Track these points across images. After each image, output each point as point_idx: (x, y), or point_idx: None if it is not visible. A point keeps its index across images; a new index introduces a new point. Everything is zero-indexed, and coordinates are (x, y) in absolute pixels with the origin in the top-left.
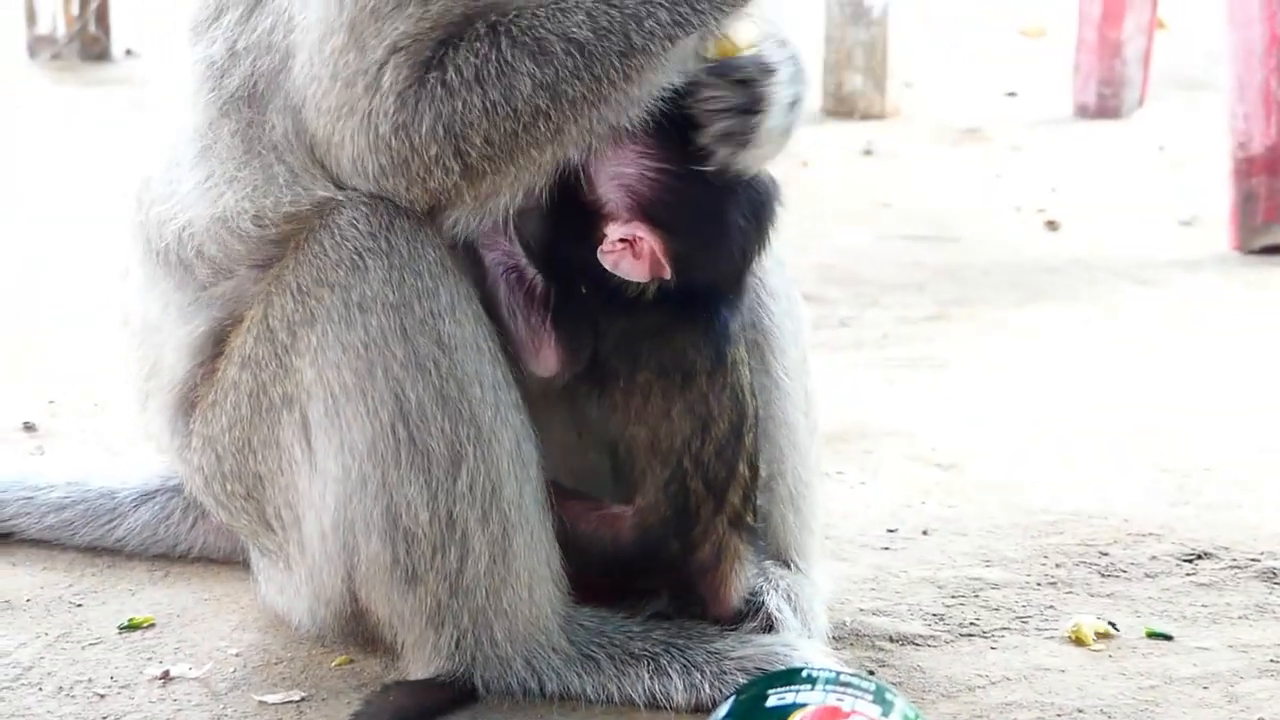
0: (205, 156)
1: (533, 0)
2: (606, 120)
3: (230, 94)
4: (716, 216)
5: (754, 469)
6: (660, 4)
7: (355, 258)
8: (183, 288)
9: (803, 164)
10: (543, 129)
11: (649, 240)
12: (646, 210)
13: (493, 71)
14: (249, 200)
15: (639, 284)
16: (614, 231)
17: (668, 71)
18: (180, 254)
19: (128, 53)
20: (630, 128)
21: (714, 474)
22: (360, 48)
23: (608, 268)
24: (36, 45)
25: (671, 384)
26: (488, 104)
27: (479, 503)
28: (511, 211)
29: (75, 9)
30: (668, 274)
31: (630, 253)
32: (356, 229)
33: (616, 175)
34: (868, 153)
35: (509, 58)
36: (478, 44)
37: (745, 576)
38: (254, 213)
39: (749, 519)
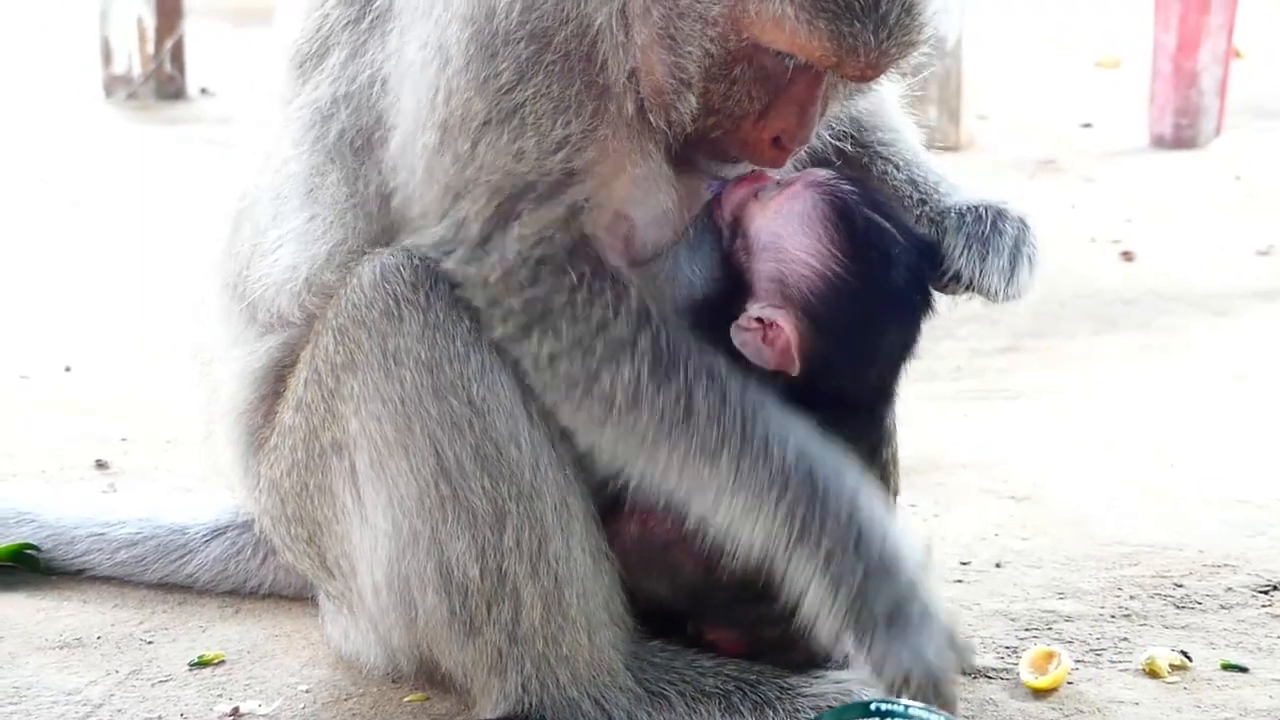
0: (311, 200)
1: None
2: (650, 483)
3: (334, 141)
4: (873, 324)
5: None
6: (792, 504)
7: (392, 303)
8: (251, 322)
9: None
10: (595, 411)
11: (788, 331)
12: (799, 301)
13: (627, 367)
14: (341, 248)
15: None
16: (754, 309)
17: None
18: (259, 292)
19: (203, 91)
20: None
21: None
22: (456, 157)
23: (735, 343)
24: (112, 84)
25: None
26: (583, 353)
27: (527, 557)
28: None
29: (151, 48)
30: (795, 370)
31: (762, 336)
32: (400, 275)
33: (780, 255)
34: None
35: (647, 362)
36: (639, 335)
37: (804, 659)
38: (340, 263)
39: None
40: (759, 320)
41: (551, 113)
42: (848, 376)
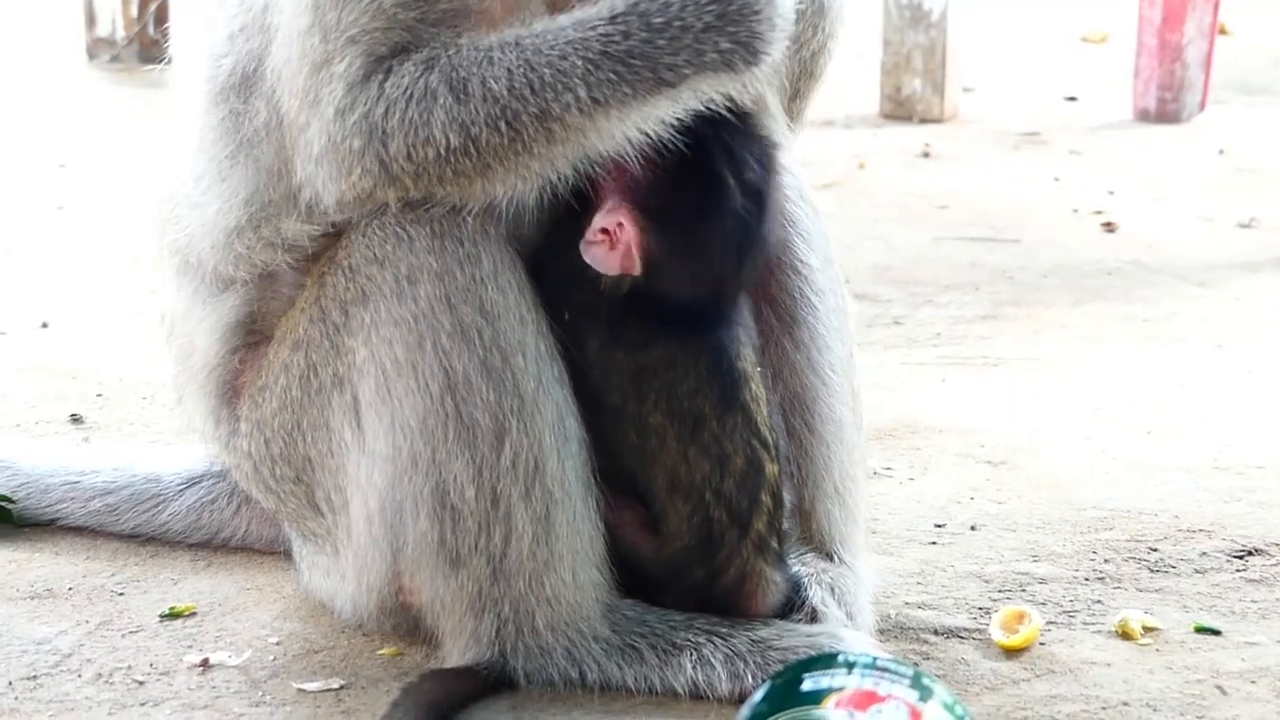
0: (199, 154)
1: (476, 40)
2: (542, 168)
3: (223, 82)
4: (706, 215)
5: (777, 498)
6: (578, 80)
7: (399, 230)
8: (203, 281)
9: (859, 165)
10: (463, 163)
11: (629, 229)
12: (636, 193)
13: (416, 93)
14: (243, 208)
15: (612, 281)
16: (598, 221)
17: (610, 134)
18: (194, 258)
19: None
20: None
21: (737, 504)
22: (324, 33)
23: (586, 259)
24: (95, 47)
25: (684, 428)
26: (406, 120)
27: (522, 478)
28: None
29: (135, 11)
30: (636, 270)
31: (609, 244)
32: (398, 208)
33: (608, 163)
34: (925, 155)
35: (432, 85)
36: (413, 66)
37: (772, 598)
38: (248, 222)
39: (774, 544)
40: (604, 231)
41: None
42: (689, 276)
